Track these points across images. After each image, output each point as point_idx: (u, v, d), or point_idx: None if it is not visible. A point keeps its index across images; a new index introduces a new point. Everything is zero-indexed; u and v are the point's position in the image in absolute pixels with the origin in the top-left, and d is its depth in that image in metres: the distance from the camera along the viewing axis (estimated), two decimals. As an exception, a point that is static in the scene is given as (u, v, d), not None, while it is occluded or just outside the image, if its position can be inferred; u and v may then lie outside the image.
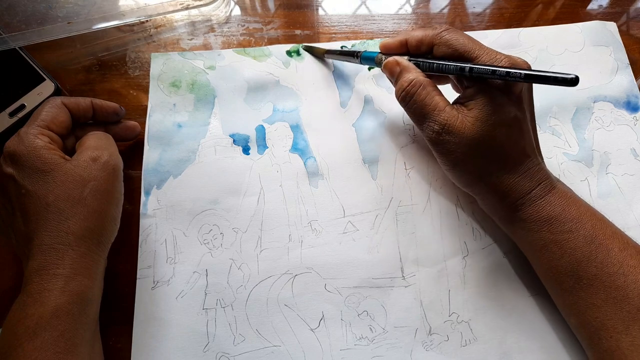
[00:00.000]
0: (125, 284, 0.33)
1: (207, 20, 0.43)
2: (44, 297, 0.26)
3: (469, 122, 0.28)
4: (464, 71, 0.28)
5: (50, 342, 0.25)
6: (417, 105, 0.29)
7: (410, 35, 0.31)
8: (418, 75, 0.30)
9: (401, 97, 0.30)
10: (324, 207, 0.35)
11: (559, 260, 0.28)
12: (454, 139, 0.28)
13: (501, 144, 0.28)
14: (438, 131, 0.29)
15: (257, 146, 0.37)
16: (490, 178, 0.29)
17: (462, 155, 0.29)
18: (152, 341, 0.32)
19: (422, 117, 0.29)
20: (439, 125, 0.28)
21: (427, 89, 0.29)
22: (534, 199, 0.29)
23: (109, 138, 0.33)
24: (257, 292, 0.33)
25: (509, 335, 0.32)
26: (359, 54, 0.35)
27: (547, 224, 0.29)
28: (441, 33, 0.29)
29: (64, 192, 0.28)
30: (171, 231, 0.34)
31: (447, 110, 0.29)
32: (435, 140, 0.29)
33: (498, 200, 0.30)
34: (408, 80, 0.29)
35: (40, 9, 0.41)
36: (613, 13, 0.44)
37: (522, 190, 0.29)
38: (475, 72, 0.27)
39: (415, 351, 0.32)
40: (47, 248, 0.27)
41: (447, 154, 0.29)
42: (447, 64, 0.28)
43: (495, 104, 0.28)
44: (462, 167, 0.30)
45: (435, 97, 0.29)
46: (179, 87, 0.39)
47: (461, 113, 0.29)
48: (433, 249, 0.34)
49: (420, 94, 0.29)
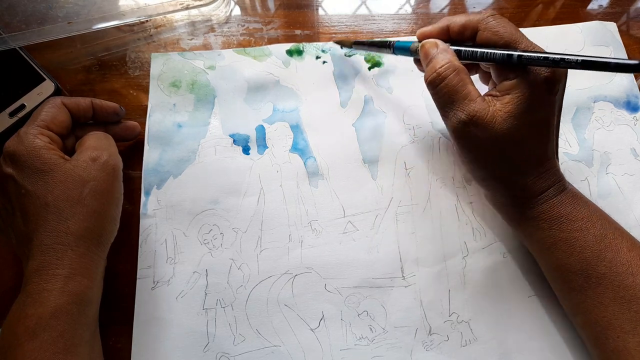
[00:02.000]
0: (125, 284, 0.33)
1: (207, 20, 0.43)
2: (44, 297, 0.26)
3: (500, 117, 0.27)
4: (512, 58, 0.26)
5: (50, 342, 0.25)
6: (448, 90, 0.28)
7: (452, 21, 0.30)
8: (454, 59, 0.28)
9: (431, 79, 0.29)
10: (324, 207, 0.35)
11: (567, 258, 0.28)
12: (481, 133, 0.27)
13: (528, 144, 0.28)
14: (465, 121, 0.27)
15: (257, 146, 0.37)
16: (508, 176, 0.29)
17: (484, 151, 0.28)
18: (152, 341, 0.32)
19: (450, 104, 0.28)
20: (467, 115, 0.27)
21: (460, 75, 0.28)
22: (547, 198, 0.29)
23: (108, 138, 0.33)
24: (257, 292, 0.33)
25: (509, 335, 0.32)
26: (392, 43, 0.33)
27: (558, 222, 0.28)
28: (487, 18, 0.28)
29: (64, 192, 0.28)
30: (171, 231, 0.34)
31: (478, 101, 0.27)
32: (459, 131, 0.28)
33: (510, 197, 0.30)
34: (443, 61, 0.28)
35: (40, 9, 0.41)
36: (613, 13, 0.44)
37: (537, 190, 0.29)
38: (525, 59, 0.25)
39: (415, 351, 0.32)
40: (46, 248, 0.27)
41: (470, 147, 0.29)
42: (493, 52, 0.27)
43: (532, 101, 0.27)
44: (482, 163, 0.29)
45: (468, 85, 0.28)
46: (179, 87, 0.39)
47: (492, 106, 0.27)
48: (433, 249, 0.34)
49: (452, 78, 0.28)
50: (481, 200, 0.36)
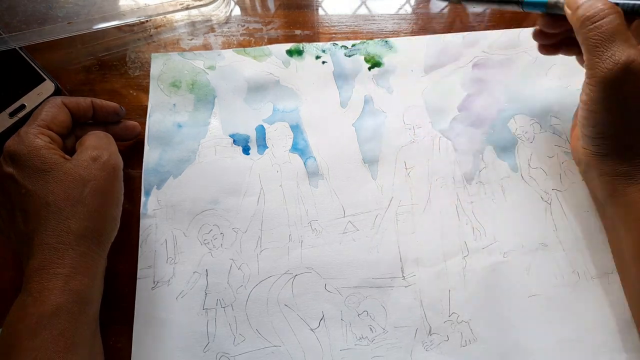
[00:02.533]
0: (126, 284, 0.33)
1: (207, 21, 0.43)
2: (44, 297, 0.26)
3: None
4: None
5: (50, 341, 0.25)
6: (609, 28, 0.26)
7: None
8: (613, 5, 0.27)
9: (590, 14, 0.26)
10: (324, 207, 0.35)
11: None
12: (635, 80, 0.26)
13: None
14: (623, 64, 0.25)
15: (257, 146, 0.37)
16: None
17: (633, 101, 0.27)
18: (152, 341, 0.32)
19: (608, 43, 0.26)
20: (627, 57, 0.25)
21: (622, 19, 0.26)
22: None
23: (109, 138, 0.33)
24: (257, 292, 0.33)
25: (509, 335, 0.32)
26: None
27: None
28: None
29: (64, 191, 0.28)
30: (171, 231, 0.34)
31: (638, 48, 0.26)
32: (613, 75, 0.26)
33: (632, 156, 0.29)
34: (603, 2, 0.26)
35: (40, 9, 0.41)
36: (613, 13, 0.44)
37: None
38: None
39: (415, 351, 0.32)
40: (47, 247, 0.27)
41: (614, 95, 0.27)
42: None
43: None
44: (621, 114, 0.27)
45: (628, 31, 0.26)
46: (179, 87, 0.39)
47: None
48: (433, 249, 0.34)
49: (616, 18, 0.26)
50: (481, 200, 0.36)
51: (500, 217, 0.35)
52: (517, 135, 0.38)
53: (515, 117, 0.38)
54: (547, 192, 0.36)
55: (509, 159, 0.37)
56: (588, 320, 0.32)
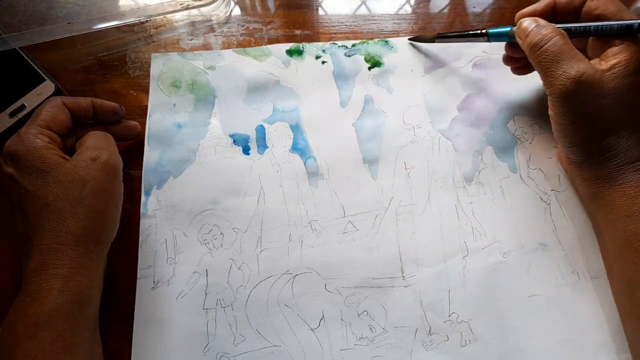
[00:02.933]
0: (125, 284, 0.33)
1: (207, 21, 0.43)
2: (43, 297, 0.26)
3: (608, 77, 0.28)
4: (632, 28, 0.28)
5: (49, 342, 0.25)
6: (555, 49, 0.29)
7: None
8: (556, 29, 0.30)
9: (536, 41, 0.30)
10: (324, 207, 0.35)
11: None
12: (590, 90, 0.28)
13: (633, 105, 0.29)
14: (575, 79, 0.28)
15: (257, 146, 0.37)
16: (609, 138, 0.29)
17: (591, 110, 0.29)
18: (152, 341, 0.32)
19: (557, 62, 0.29)
20: (577, 71, 0.28)
21: (566, 38, 0.29)
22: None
23: (108, 138, 0.33)
24: (257, 292, 0.33)
25: (508, 335, 0.32)
26: (486, 32, 0.33)
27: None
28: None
29: (64, 191, 0.28)
30: (171, 231, 0.34)
31: (585, 61, 0.29)
32: (567, 89, 0.28)
33: (604, 161, 0.30)
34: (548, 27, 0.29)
35: (40, 9, 0.41)
36: (613, 13, 0.44)
37: (634, 155, 0.29)
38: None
39: (415, 351, 0.32)
40: (46, 248, 0.27)
41: (576, 107, 0.29)
42: (609, 24, 0.28)
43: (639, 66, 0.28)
44: (587, 123, 0.29)
45: (574, 48, 0.29)
46: (179, 87, 0.39)
47: (600, 67, 0.28)
48: (433, 249, 0.34)
49: (560, 39, 0.29)
50: (481, 200, 0.36)
51: (500, 218, 0.35)
52: (516, 136, 0.38)
53: (515, 117, 0.38)
54: (546, 193, 0.36)
55: (509, 160, 0.37)
56: (588, 320, 0.32)
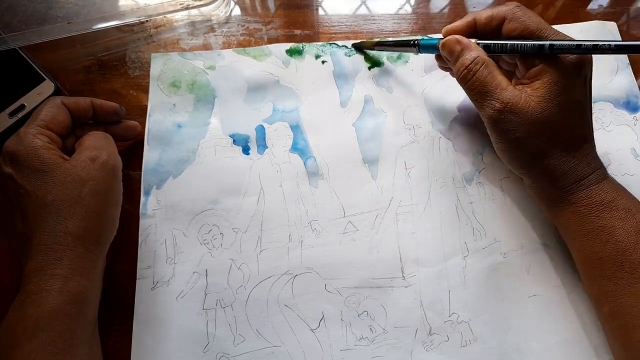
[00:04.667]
0: (125, 285, 0.33)
1: (207, 20, 0.43)
2: (42, 298, 0.26)
3: (533, 101, 0.28)
4: (543, 49, 0.27)
5: (49, 342, 0.25)
6: (479, 82, 0.29)
7: (479, 15, 0.31)
8: (480, 53, 0.30)
9: (462, 75, 0.30)
10: (324, 207, 0.35)
11: (603, 245, 0.29)
12: (517, 117, 0.28)
13: (564, 126, 0.29)
14: (500, 109, 0.29)
15: (257, 146, 0.37)
16: (547, 160, 0.29)
17: (522, 135, 0.29)
18: (151, 342, 0.32)
19: (483, 95, 0.29)
20: (501, 103, 0.28)
21: (489, 67, 0.29)
22: (588, 184, 0.29)
23: (108, 138, 0.33)
24: (257, 292, 0.33)
25: (509, 335, 0.32)
26: (417, 42, 0.34)
27: (598, 209, 0.29)
28: (514, 9, 0.30)
29: (63, 192, 0.28)
30: (171, 231, 0.34)
31: (509, 89, 0.29)
32: (495, 119, 0.29)
33: (550, 182, 0.30)
34: (470, 58, 0.29)
35: (40, 9, 0.41)
36: (613, 13, 0.44)
37: (578, 174, 0.29)
38: (557, 48, 0.27)
39: (415, 351, 0.32)
40: (45, 248, 0.27)
41: (507, 133, 0.29)
42: (523, 43, 0.28)
43: (564, 84, 0.28)
44: (521, 147, 0.30)
45: (497, 75, 0.29)
46: (179, 87, 0.39)
47: (524, 92, 0.29)
48: (433, 249, 0.34)
49: (482, 72, 0.29)
50: (481, 200, 0.36)
51: (500, 218, 0.35)
52: (517, 136, 0.38)
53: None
54: (547, 192, 0.36)
55: (509, 159, 0.37)
56: (588, 321, 0.32)
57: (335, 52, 0.41)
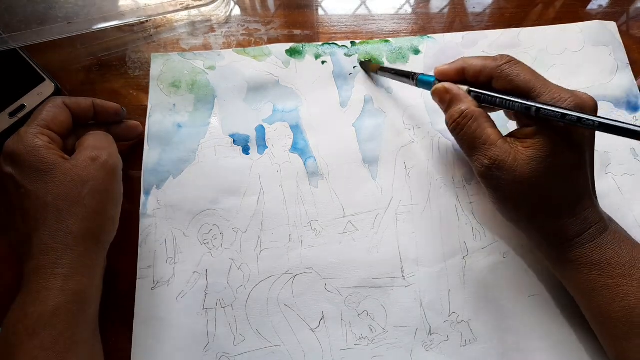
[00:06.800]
0: (125, 284, 0.33)
1: (207, 21, 0.43)
2: (43, 296, 0.26)
3: (522, 160, 0.27)
4: (530, 111, 0.26)
5: (50, 341, 0.25)
6: (468, 137, 0.28)
7: (468, 64, 0.30)
8: (470, 105, 0.28)
9: (451, 128, 0.29)
10: (324, 207, 0.35)
11: (610, 305, 0.27)
12: (505, 175, 0.27)
13: (554, 188, 0.27)
14: (488, 166, 0.28)
15: (257, 146, 0.37)
16: (537, 219, 0.29)
17: (510, 194, 0.28)
18: (152, 341, 0.32)
19: (472, 149, 0.28)
20: (489, 160, 0.27)
21: (478, 120, 0.28)
22: (584, 241, 0.28)
23: (108, 138, 0.33)
24: (257, 292, 0.33)
25: (508, 335, 0.32)
26: (416, 76, 0.33)
27: (598, 267, 0.27)
28: (502, 66, 0.28)
29: (63, 191, 0.28)
30: (171, 231, 0.34)
31: (499, 144, 0.27)
32: (484, 175, 0.28)
33: (545, 240, 0.29)
34: (459, 111, 0.28)
35: (40, 10, 0.41)
36: (613, 13, 0.44)
37: (572, 233, 0.28)
38: (543, 114, 0.25)
39: (415, 351, 0.32)
40: (45, 248, 0.27)
41: (496, 190, 0.28)
42: (511, 100, 0.27)
43: (555, 147, 0.26)
44: (510, 205, 0.29)
45: (487, 129, 0.28)
46: (179, 87, 0.39)
47: (514, 149, 0.27)
48: (433, 249, 0.34)
49: (471, 126, 0.28)
50: (481, 200, 0.36)
51: (500, 218, 0.35)
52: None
53: (515, 117, 0.38)
54: (547, 192, 0.36)
55: (509, 159, 0.37)
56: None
57: (335, 52, 0.41)
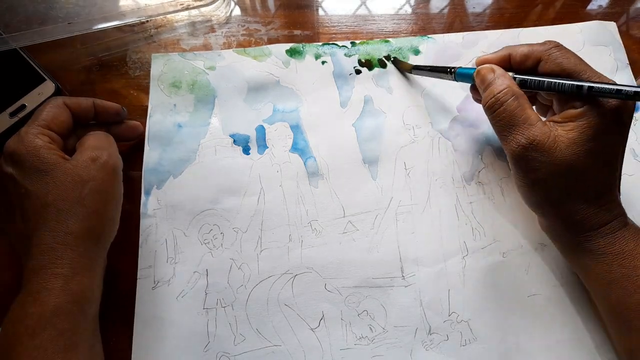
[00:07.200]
0: (126, 284, 0.33)
1: (207, 21, 0.43)
2: (44, 296, 0.26)
3: (562, 142, 0.26)
4: (582, 90, 0.26)
5: (50, 341, 0.25)
6: (507, 114, 0.28)
7: (514, 50, 0.30)
8: (512, 84, 0.28)
9: (489, 104, 0.29)
10: (324, 207, 0.36)
11: (628, 296, 0.27)
12: (541, 157, 0.27)
13: (590, 173, 0.27)
14: (525, 145, 0.27)
15: (257, 146, 0.37)
16: (566, 204, 0.28)
17: (544, 176, 0.27)
18: (152, 341, 0.32)
19: (509, 127, 0.28)
20: (526, 139, 0.27)
21: (519, 99, 0.28)
22: (608, 232, 0.28)
23: (108, 138, 0.33)
24: (257, 291, 0.33)
25: (508, 335, 0.32)
26: (454, 70, 0.33)
27: (620, 257, 0.27)
28: (551, 49, 0.28)
29: (63, 191, 0.28)
30: (171, 231, 0.35)
31: (538, 125, 0.27)
32: (519, 155, 0.28)
33: (567, 228, 0.29)
34: (502, 86, 0.28)
35: (40, 10, 0.41)
36: (613, 13, 0.44)
37: (597, 222, 0.28)
38: (596, 91, 0.25)
39: (415, 351, 0.32)
40: (46, 248, 0.27)
41: (528, 172, 0.28)
42: (561, 82, 0.27)
43: (599, 130, 0.26)
44: (540, 188, 0.28)
45: (527, 109, 0.28)
46: (180, 87, 0.39)
47: (554, 132, 0.27)
48: (433, 249, 0.34)
49: (511, 103, 0.27)
50: (481, 200, 0.36)
51: (500, 217, 0.35)
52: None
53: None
54: (547, 192, 0.36)
55: (509, 159, 0.37)
56: (588, 320, 0.32)
57: (335, 52, 0.41)
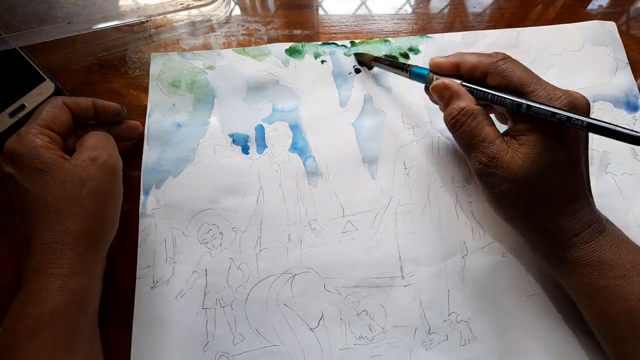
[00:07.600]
0: (125, 284, 0.33)
1: (207, 21, 0.43)
2: (43, 297, 0.26)
3: (518, 157, 0.27)
4: (521, 108, 0.26)
5: (50, 341, 0.25)
6: (466, 134, 0.28)
7: (463, 60, 0.30)
8: (469, 103, 0.28)
9: (450, 124, 0.29)
10: (323, 206, 0.35)
11: (611, 307, 0.27)
12: (501, 173, 0.27)
13: (550, 185, 0.27)
14: (485, 163, 0.28)
15: (257, 146, 0.37)
16: (534, 217, 0.29)
17: (507, 191, 0.28)
18: (151, 341, 0.32)
19: (470, 147, 0.29)
20: (486, 157, 0.28)
21: (477, 118, 0.28)
22: (583, 242, 0.28)
23: (108, 138, 0.33)
24: (256, 291, 0.33)
25: (508, 334, 0.32)
26: (409, 68, 0.33)
27: (598, 268, 0.27)
28: (497, 62, 0.28)
29: (63, 191, 0.28)
30: (170, 231, 0.35)
31: (497, 142, 0.28)
32: (481, 172, 0.28)
33: (542, 241, 0.29)
34: (458, 107, 0.28)
35: (40, 9, 0.41)
36: (613, 13, 0.44)
37: (569, 232, 0.28)
38: (533, 111, 0.26)
39: (414, 350, 0.32)
40: (45, 247, 0.27)
41: (492, 187, 0.28)
42: (503, 97, 0.27)
43: (549, 143, 0.26)
44: (507, 203, 0.29)
45: (485, 127, 0.28)
46: (179, 87, 0.39)
47: (511, 147, 0.27)
48: (432, 249, 0.34)
49: (470, 123, 0.28)
50: (481, 200, 0.36)
51: (500, 217, 0.35)
52: (516, 135, 0.38)
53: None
54: (547, 192, 0.36)
55: (509, 159, 0.37)
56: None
57: (335, 51, 0.41)
